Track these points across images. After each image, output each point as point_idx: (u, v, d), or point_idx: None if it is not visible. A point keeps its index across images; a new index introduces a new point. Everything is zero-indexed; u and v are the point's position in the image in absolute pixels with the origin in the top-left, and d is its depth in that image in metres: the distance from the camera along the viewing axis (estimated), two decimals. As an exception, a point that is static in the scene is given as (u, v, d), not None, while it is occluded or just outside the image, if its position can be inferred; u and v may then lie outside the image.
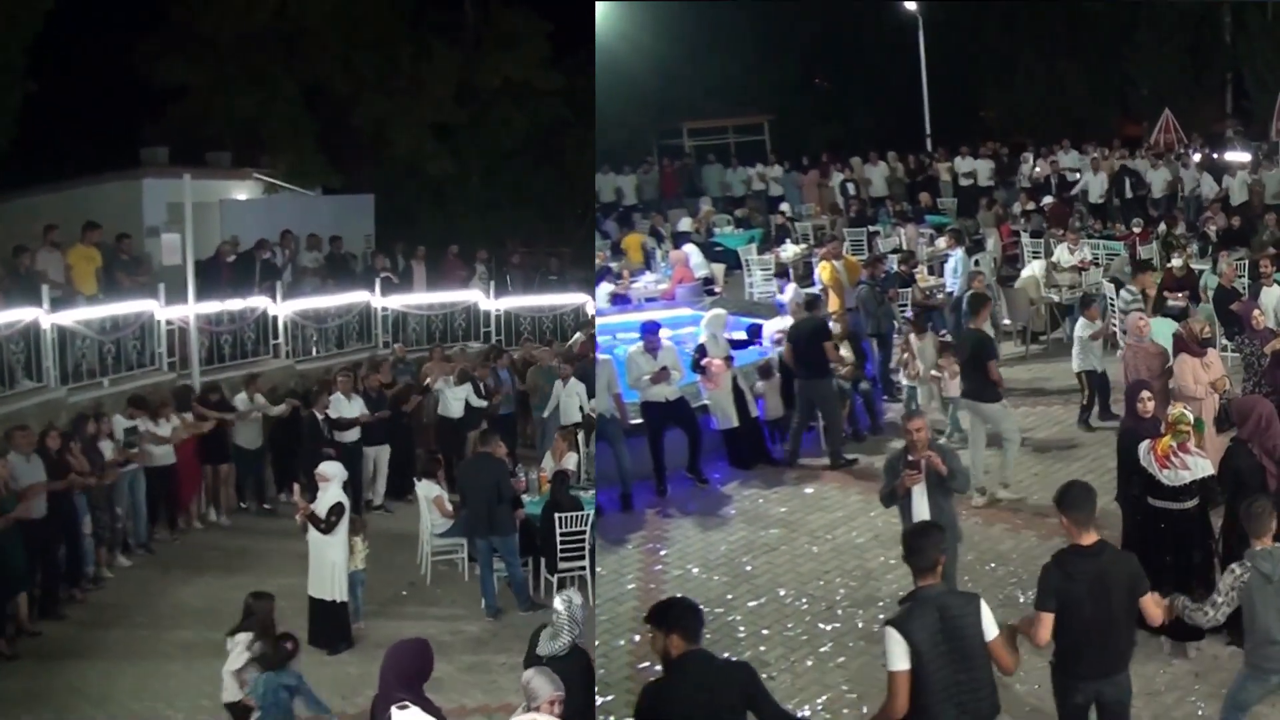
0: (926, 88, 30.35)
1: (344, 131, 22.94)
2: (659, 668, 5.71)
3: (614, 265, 19.80)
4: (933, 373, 13.04)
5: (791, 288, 16.63)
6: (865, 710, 7.74)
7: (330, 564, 10.59)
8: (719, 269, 19.88)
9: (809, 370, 12.73)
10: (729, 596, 9.81)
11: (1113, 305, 15.07)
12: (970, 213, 22.67)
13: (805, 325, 12.96)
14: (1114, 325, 14.70)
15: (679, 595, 7.77)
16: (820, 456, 12.87)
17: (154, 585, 12.29)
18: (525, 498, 12.12)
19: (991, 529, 10.72)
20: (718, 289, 19.38)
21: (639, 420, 12.43)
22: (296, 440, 14.21)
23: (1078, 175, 24.59)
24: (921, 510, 8.22)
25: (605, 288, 18.32)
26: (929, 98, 30.45)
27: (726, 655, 8.07)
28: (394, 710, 5.78)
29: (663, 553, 10.95)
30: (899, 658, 5.49)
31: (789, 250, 20.05)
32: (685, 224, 22.97)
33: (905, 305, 16.04)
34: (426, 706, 5.91)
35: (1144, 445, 8.50)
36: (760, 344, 14.76)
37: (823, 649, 8.90)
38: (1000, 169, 26.24)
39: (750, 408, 13.03)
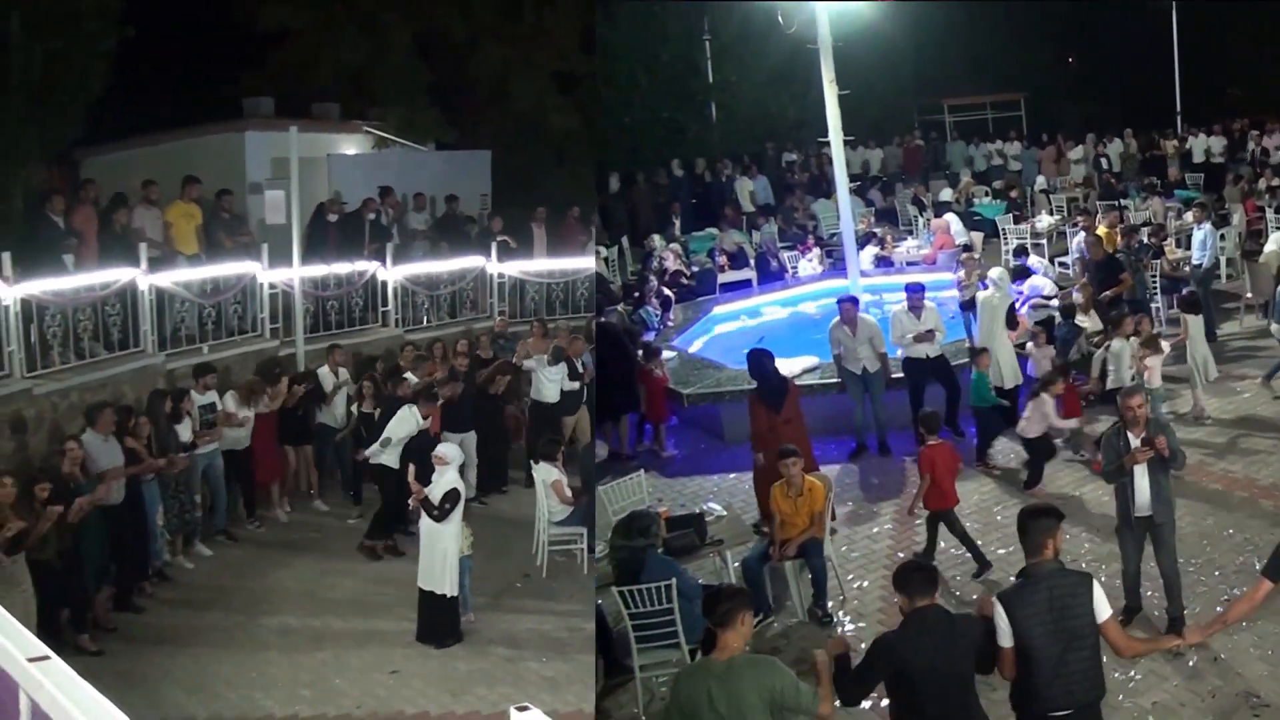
0: (1178, 66, 32.49)
1: (460, 82, 23.19)
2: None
3: (878, 230, 22.42)
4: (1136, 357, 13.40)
5: (1036, 259, 19.07)
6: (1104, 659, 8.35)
7: (442, 554, 10.81)
8: (977, 237, 22.35)
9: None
10: (978, 541, 11.05)
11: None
12: (1217, 188, 24.93)
13: None
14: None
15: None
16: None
17: (249, 569, 12.76)
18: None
19: (1230, 497, 11.90)
20: (976, 255, 20.91)
21: (899, 375, 14.22)
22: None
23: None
24: (1143, 487, 9.11)
25: (870, 250, 20.90)
26: (1180, 76, 32.64)
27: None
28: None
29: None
30: (1003, 634, 6.09)
31: (1044, 220, 22.69)
32: (946, 194, 26.02)
33: (1155, 276, 17.93)
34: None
35: None
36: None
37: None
38: (1231, 145, 28.95)
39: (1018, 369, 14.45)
